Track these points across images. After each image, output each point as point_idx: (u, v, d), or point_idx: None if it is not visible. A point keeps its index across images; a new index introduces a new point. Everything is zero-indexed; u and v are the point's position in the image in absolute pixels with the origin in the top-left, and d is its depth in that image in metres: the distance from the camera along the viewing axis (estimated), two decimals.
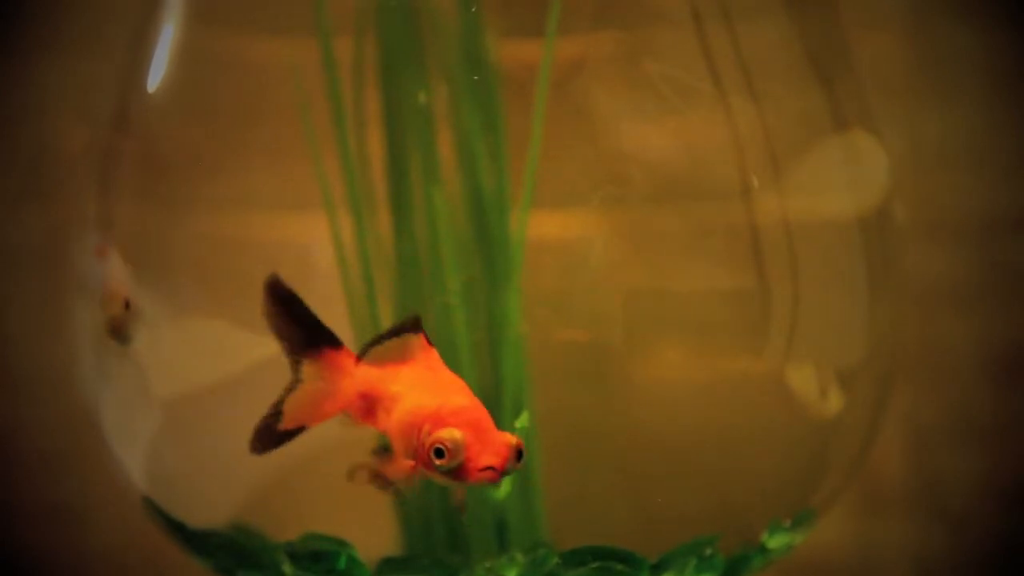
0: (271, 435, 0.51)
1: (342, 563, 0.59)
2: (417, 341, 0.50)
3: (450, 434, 0.48)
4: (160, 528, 0.63)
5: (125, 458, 0.63)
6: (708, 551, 0.59)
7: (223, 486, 0.61)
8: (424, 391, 0.50)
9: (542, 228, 0.58)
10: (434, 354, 0.50)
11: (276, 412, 0.50)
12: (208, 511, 0.62)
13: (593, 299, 0.58)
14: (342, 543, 0.59)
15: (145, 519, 0.64)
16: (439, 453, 0.48)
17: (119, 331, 0.56)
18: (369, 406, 0.51)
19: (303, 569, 0.59)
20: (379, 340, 0.51)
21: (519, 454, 0.48)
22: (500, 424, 0.49)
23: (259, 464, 0.58)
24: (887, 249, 0.63)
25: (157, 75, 0.62)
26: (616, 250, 0.58)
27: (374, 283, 0.59)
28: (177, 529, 0.62)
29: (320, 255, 0.60)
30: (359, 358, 0.51)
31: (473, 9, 0.59)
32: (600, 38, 0.59)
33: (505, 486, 0.58)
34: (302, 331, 0.50)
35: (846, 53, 0.64)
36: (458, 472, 0.48)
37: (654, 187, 0.59)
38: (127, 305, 0.55)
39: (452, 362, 0.50)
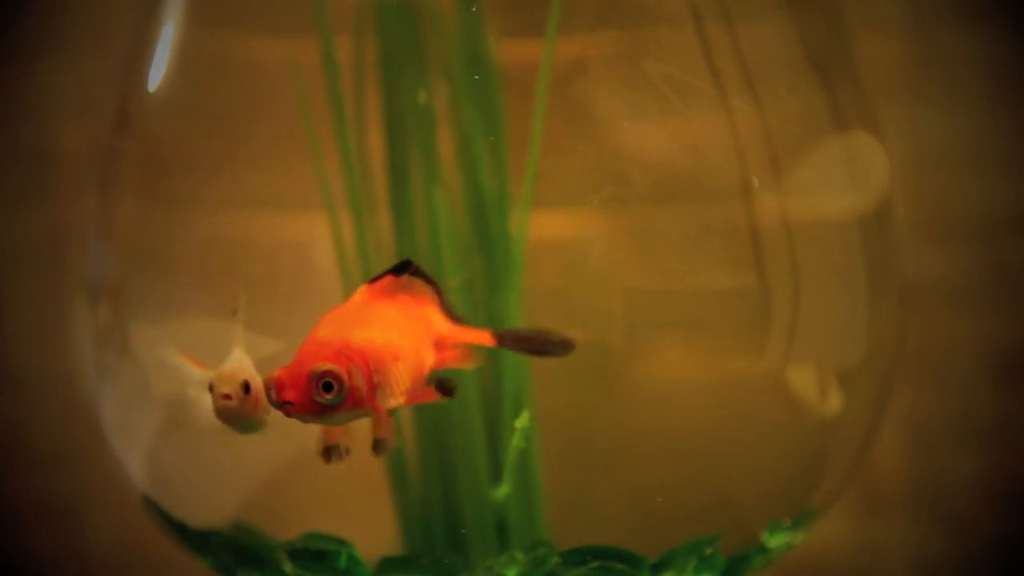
0: None
1: (342, 562, 0.59)
2: None
3: (267, 377, 0.47)
4: (160, 528, 0.63)
5: (125, 458, 0.63)
6: (708, 551, 0.59)
7: (223, 486, 0.61)
8: None
9: (543, 228, 0.58)
10: None
11: None
12: (208, 511, 0.62)
13: (593, 299, 0.58)
14: (342, 542, 0.59)
15: (145, 519, 0.64)
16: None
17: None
18: None
19: (303, 568, 0.59)
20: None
21: (326, 385, 0.46)
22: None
23: (259, 464, 0.58)
24: (887, 249, 0.63)
25: (157, 75, 0.62)
26: (616, 250, 0.58)
27: None
28: (177, 529, 0.62)
29: (320, 255, 0.60)
30: None
31: (473, 9, 0.59)
32: (600, 38, 0.59)
33: (505, 486, 0.58)
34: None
35: (847, 53, 0.64)
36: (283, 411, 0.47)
37: (654, 187, 0.58)
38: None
39: None
